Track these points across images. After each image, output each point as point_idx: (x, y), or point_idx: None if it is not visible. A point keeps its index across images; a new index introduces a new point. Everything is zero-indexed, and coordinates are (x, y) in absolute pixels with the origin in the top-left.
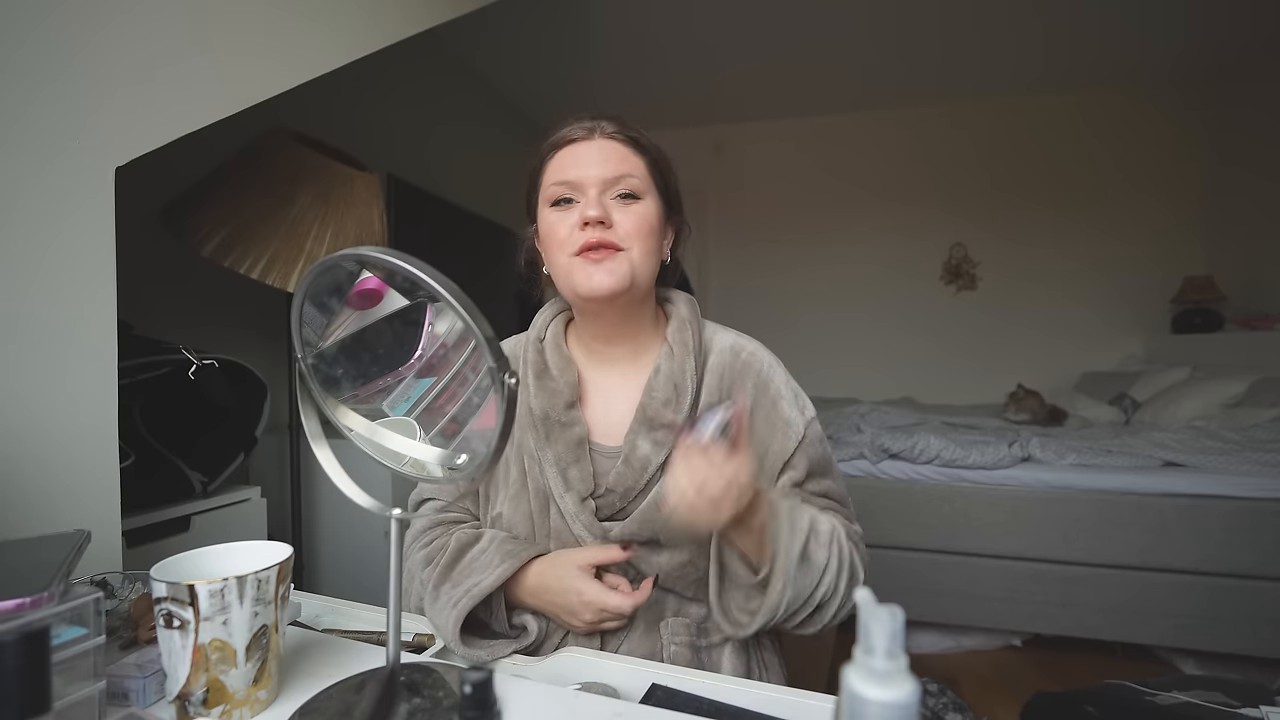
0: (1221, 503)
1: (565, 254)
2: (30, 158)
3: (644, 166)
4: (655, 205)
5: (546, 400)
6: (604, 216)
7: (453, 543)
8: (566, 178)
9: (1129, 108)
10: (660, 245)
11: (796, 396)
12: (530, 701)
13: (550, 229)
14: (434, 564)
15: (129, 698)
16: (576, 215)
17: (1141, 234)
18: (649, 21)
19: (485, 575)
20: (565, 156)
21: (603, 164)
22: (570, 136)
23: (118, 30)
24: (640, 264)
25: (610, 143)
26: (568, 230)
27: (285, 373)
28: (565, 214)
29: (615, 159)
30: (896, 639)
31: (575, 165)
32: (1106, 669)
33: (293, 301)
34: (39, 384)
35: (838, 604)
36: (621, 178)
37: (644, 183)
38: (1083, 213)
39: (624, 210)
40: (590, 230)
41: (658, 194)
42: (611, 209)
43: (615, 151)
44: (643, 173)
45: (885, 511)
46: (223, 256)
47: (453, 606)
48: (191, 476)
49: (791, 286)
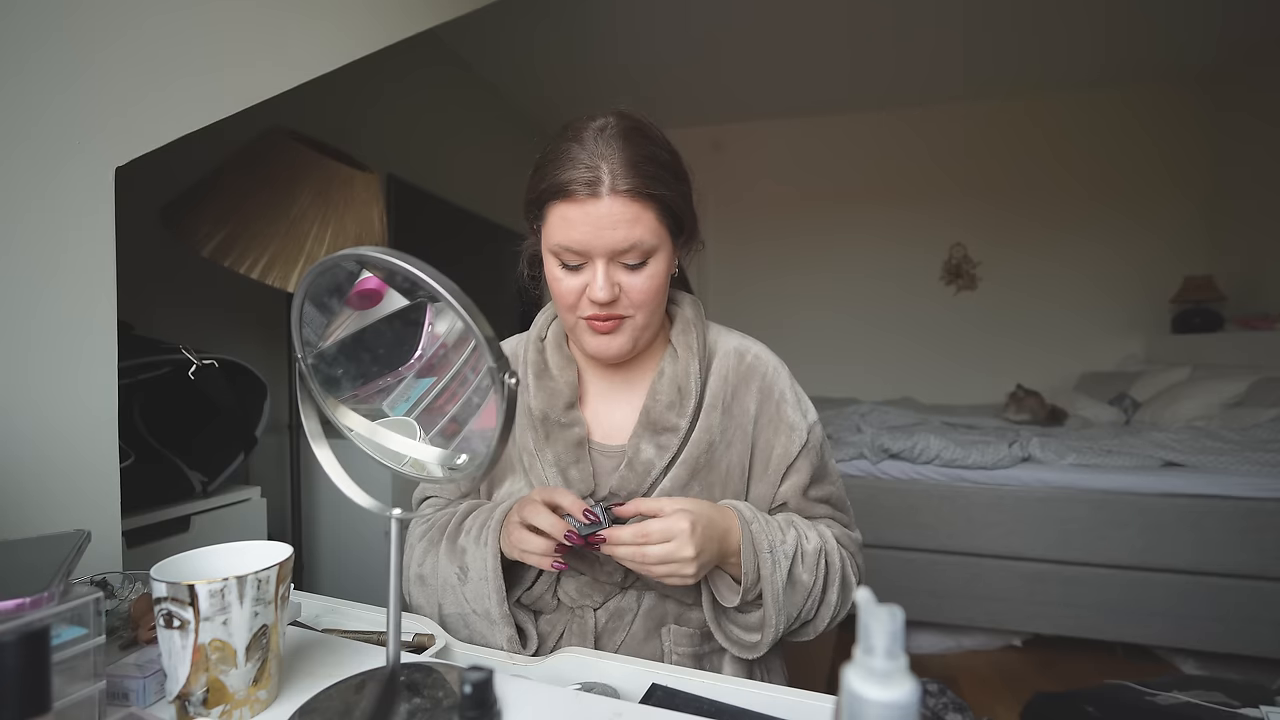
0: (1221, 503)
1: (572, 314)
2: (30, 158)
3: (655, 218)
4: (665, 253)
5: (546, 400)
6: (612, 297)
7: (459, 510)
8: (572, 245)
9: (1130, 107)
10: (667, 285)
11: (800, 400)
12: (530, 701)
13: (556, 286)
14: (439, 527)
15: (129, 698)
16: (583, 282)
17: (1141, 234)
18: (648, 21)
19: (497, 509)
20: (572, 214)
21: (612, 230)
22: (571, 190)
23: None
24: (646, 323)
25: (619, 203)
26: (575, 296)
27: (285, 373)
28: (572, 277)
29: (625, 224)
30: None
31: (581, 231)
32: (1106, 669)
33: (293, 301)
34: (39, 384)
35: (830, 615)
36: (631, 248)
37: (655, 237)
38: (1083, 213)
39: (632, 275)
40: (598, 305)
41: (669, 234)
42: (618, 274)
43: (625, 214)
44: (654, 228)
45: (885, 511)
46: (223, 256)
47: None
48: (191, 476)
49: (791, 286)
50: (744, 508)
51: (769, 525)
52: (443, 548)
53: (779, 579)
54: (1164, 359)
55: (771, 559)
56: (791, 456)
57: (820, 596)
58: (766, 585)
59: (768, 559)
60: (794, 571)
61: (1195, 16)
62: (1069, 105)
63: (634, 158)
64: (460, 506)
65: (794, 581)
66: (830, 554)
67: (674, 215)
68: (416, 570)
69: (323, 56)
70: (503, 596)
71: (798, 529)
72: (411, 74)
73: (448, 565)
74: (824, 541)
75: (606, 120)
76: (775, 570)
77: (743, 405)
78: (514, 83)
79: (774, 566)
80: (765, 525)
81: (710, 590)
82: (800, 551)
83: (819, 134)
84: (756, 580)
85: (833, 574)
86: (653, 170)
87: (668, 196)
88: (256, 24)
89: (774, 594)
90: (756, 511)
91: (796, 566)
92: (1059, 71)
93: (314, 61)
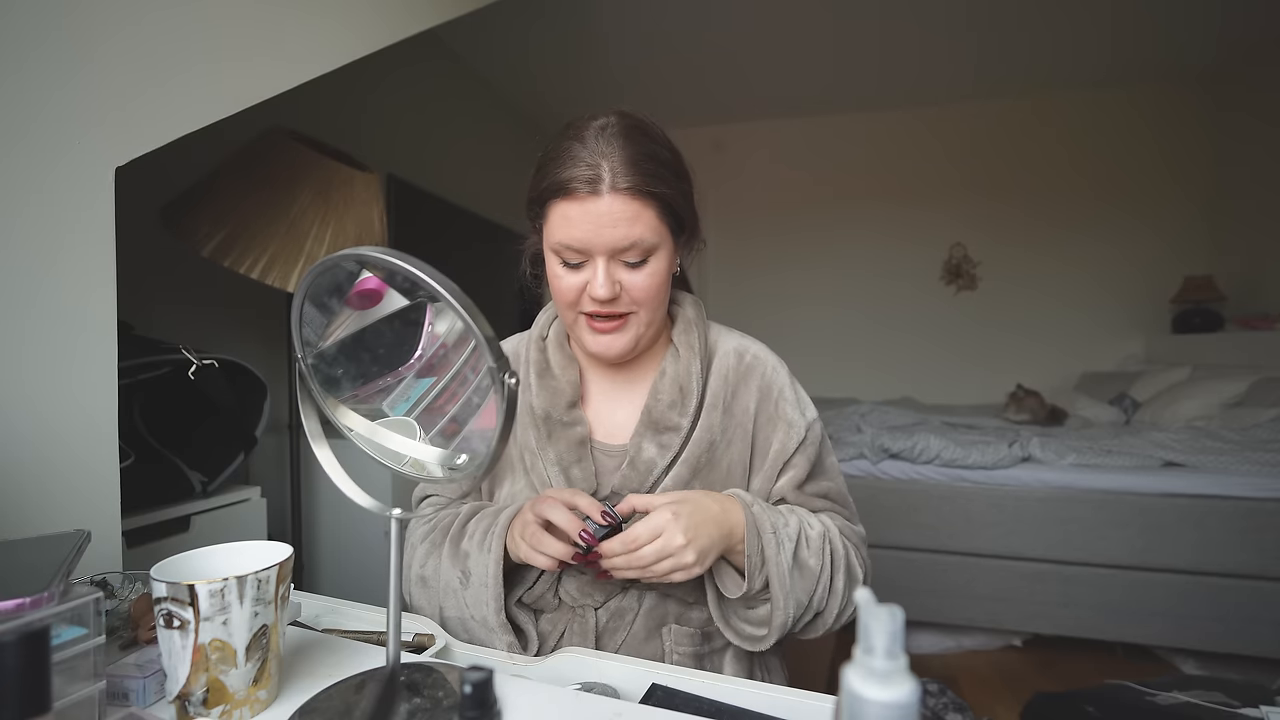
0: (1221, 503)
1: (572, 312)
2: (31, 158)
3: (656, 216)
4: (666, 251)
5: (548, 399)
6: (613, 295)
7: (463, 511)
8: (573, 242)
9: (1131, 107)
10: (669, 284)
11: (799, 398)
12: (530, 701)
13: (556, 284)
14: (442, 528)
15: (129, 698)
16: (583, 279)
17: (1142, 234)
18: (648, 20)
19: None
20: (573, 213)
21: (612, 228)
22: (572, 188)
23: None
24: (648, 321)
25: (619, 201)
26: (575, 294)
27: (285, 373)
28: (572, 275)
29: (625, 222)
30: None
31: (582, 228)
32: (1106, 669)
33: (293, 301)
34: (39, 384)
35: (839, 606)
36: (631, 245)
37: (656, 235)
38: (1083, 213)
39: (632, 272)
40: (599, 303)
41: (670, 232)
42: (619, 271)
43: (625, 212)
44: (654, 226)
45: (885, 511)
46: (222, 256)
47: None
48: (191, 476)
49: (791, 286)
50: (744, 494)
51: (770, 510)
52: (445, 550)
53: (784, 560)
54: (1164, 359)
55: (775, 540)
56: (789, 452)
57: (829, 584)
58: (772, 568)
59: (771, 539)
60: (799, 554)
61: (1196, 17)
62: (1068, 105)
63: (634, 156)
64: (463, 508)
65: (800, 565)
66: (834, 541)
67: (674, 214)
68: (419, 571)
69: (323, 56)
70: (500, 604)
71: (800, 515)
72: (412, 74)
73: (450, 569)
74: (827, 529)
75: (608, 119)
76: (780, 551)
77: (743, 404)
78: (514, 83)
79: (778, 548)
80: (766, 509)
81: (715, 587)
82: (804, 535)
83: (819, 134)
84: (761, 564)
85: (838, 561)
86: (653, 168)
87: (668, 195)
88: (256, 23)
89: (780, 577)
90: (757, 498)
91: (802, 550)
92: (1059, 71)
93: (314, 61)
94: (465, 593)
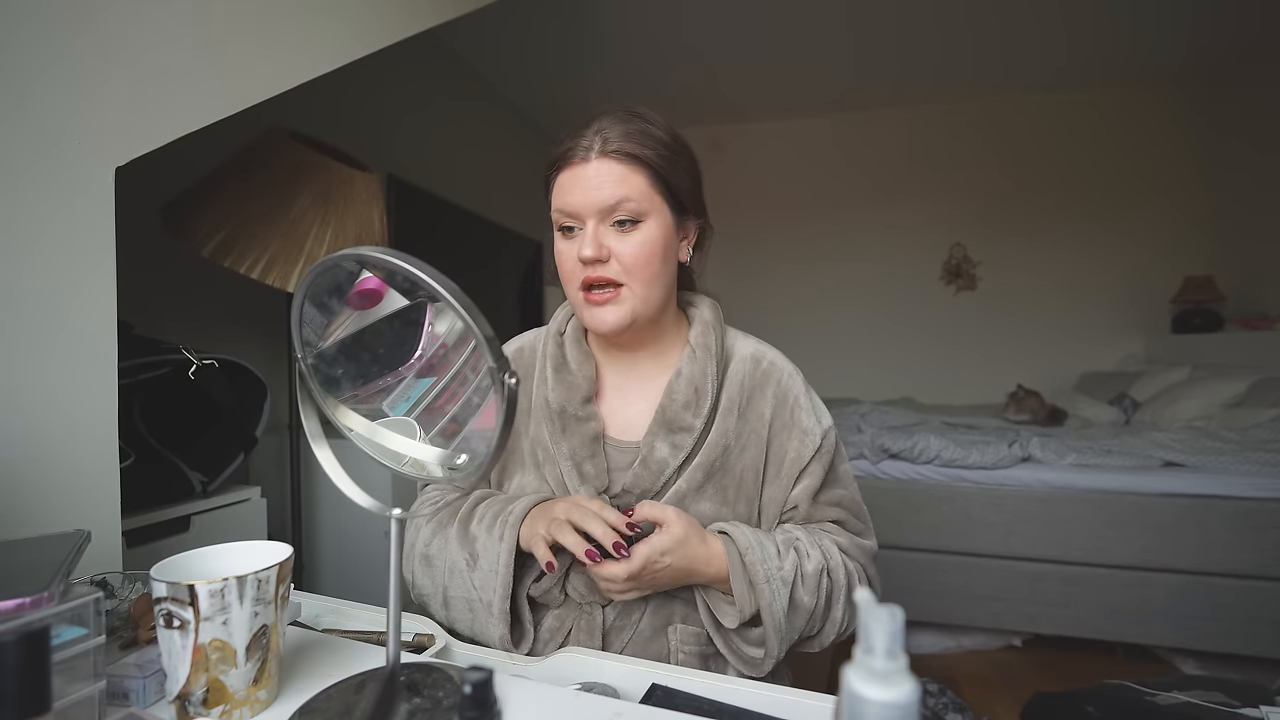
0: (1221, 503)
1: (573, 287)
2: (30, 158)
3: (645, 182)
4: (660, 222)
5: (564, 394)
6: (599, 254)
7: (473, 495)
8: (565, 206)
9: (1131, 107)
10: (667, 262)
11: (815, 406)
12: (530, 701)
13: (558, 258)
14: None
15: (129, 698)
16: (578, 247)
17: (1141, 234)
18: (648, 20)
19: (516, 504)
20: (565, 179)
21: (598, 189)
22: (568, 157)
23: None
24: (644, 296)
25: (607, 163)
26: (572, 263)
27: (285, 373)
28: (569, 244)
29: (611, 182)
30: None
31: (572, 192)
32: (1106, 669)
33: (293, 301)
34: (39, 384)
35: (836, 631)
36: (619, 204)
37: (645, 202)
38: (1083, 212)
39: (623, 239)
40: (589, 267)
41: (665, 204)
42: (610, 238)
43: (612, 174)
44: (643, 190)
45: (885, 511)
46: (222, 256)
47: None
48: (191, 476)
49: (791, 285)
50: (741, 536)
51: (766, 552)
52: (454, 531)
53: (779, 608)
54: (1164, 359)
55: (769, 589)
56: (805, 461)
57: (824, 614)
58: (766, 614)
59: (765, 590)
60: (795, 596)
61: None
62: (1068, 105)
63: (628, 130)
64: (473, 493)
65: (795, 606)
66: (834, 571)
67: (668, 187)
68: (423, 550)
69: (323, 56)
70: (507, 593)
71: (798, 550)
72: (412, 74)
73: (457, 550)
74: (826, 559)
75: (614, 108)
76: (774, 600)
77: (758, 410)
78: (514, 83)
79: (773, 596)
80: (763, 553)
81: (711, 610)
82: (800, 574)
83: (819, 133)
84: (756, 611)
85: (836, 591)
86: (644, 140)
87: (657, 163)
88: (256, 23)
89: (775, 623)
90: (755, 537)
91: (797, 591)
92: (1061, 70)
93: (315, 61)
94: (472, 575)
